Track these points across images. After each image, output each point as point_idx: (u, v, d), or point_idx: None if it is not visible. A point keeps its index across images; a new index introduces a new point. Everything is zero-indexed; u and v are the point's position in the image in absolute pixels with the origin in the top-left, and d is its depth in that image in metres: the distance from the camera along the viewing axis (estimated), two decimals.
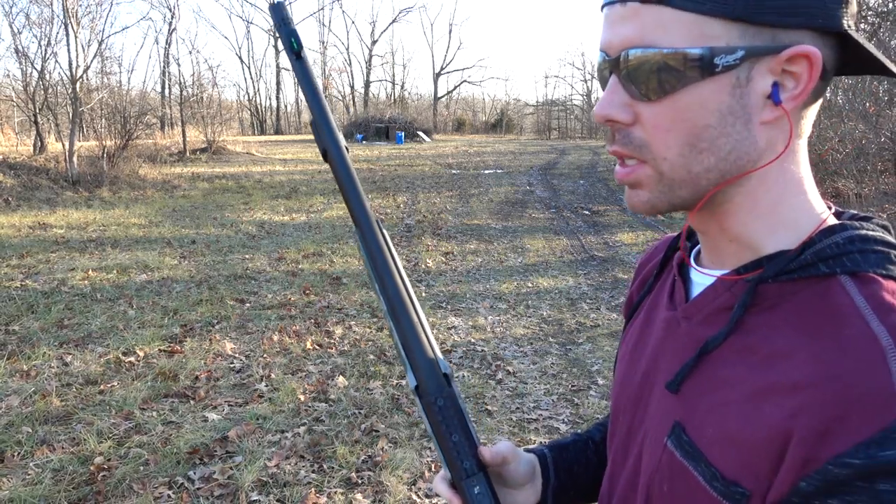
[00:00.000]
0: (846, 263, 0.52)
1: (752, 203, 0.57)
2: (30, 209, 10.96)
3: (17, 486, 2.86)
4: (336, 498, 2.81)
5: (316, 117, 0.75)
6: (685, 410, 0.58)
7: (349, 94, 60.34)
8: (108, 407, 3.63)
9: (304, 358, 4.40)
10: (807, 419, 0.47)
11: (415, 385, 0.71)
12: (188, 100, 23.43)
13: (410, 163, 21.51)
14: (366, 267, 0.74)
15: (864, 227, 0.55)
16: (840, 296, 0.51)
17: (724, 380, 0.55)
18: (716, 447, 0.54)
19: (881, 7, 10.45)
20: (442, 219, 10.44)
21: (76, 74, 14.65)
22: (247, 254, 7.70)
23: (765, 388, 0.51)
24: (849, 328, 0.49)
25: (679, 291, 0.65)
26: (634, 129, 0.55)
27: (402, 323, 0.71)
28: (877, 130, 8.18)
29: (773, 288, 0.55)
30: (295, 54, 0.75)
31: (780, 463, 0.49)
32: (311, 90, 0.75)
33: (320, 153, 0.78)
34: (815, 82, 0.52)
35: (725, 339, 0.56)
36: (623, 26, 0.53)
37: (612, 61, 0.55)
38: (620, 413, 0.71)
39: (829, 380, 0.47)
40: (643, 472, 0.63)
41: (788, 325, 0.52)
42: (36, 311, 5.34)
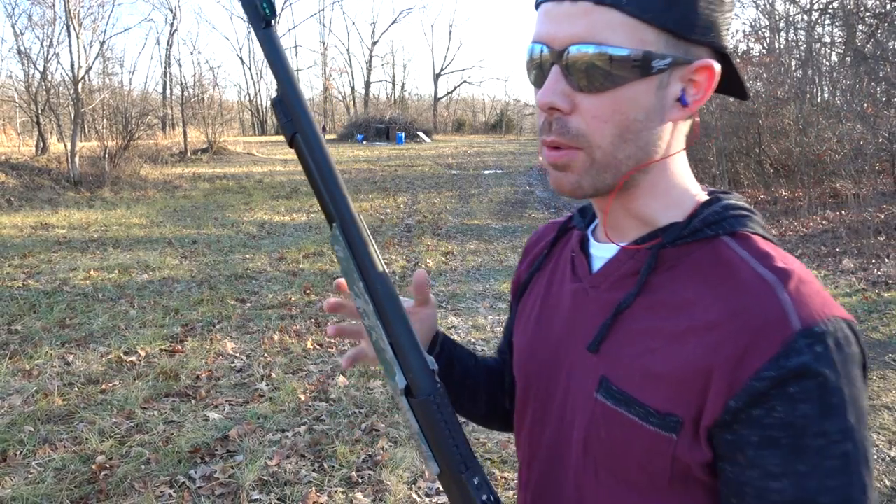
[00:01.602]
0: (725, 226, 0.64)
1: (652, 186, 0.67)
2: (32, 209, 10.99)
3: (20, 484, 2.88)
4: (336, 497, 2.84)
5: (287, 95, 0.67)
6: (608, 365, 0.66)
7: (349, 95, 60.35)
8: (109, 406, 3.66)
9: (304, 357, 4.43)
10: (725, 350, 0.57)
11: (404, 385, 0.69)
12: (189, 100, 23.46)
13: (411, 163, 21.53)
14: (344, 264, 0.69)
15: (729, 198, 0.68)
16: (726, 251, 0.63)
17: (641, 332, 0.64)
18: (646, 389, 0.62)
19: (878, 9, 10.47)
20: (442, 219, 10.47)
21: (78, 75, 14.68)
22: (247, 254, 7.72)
23: (683, 332, 0.61)
24: (741, 274, 0.60)
25: (582, 265, 0.73)
26: (572, 118, 0.61)
27: (392, 321, 0.68)
28: (874, 131, 8.19)
29: (671, 252, 0.65)
30: (265, 21, 0.66)
31: (706, 390, 0.58)
32: (282, 63, 0.67)
33: (287, 138, 0.68)
34: (712, 91, 0.63)
35: (635, 299, 0.65)
36: (571, 23, 0.59)
37: (557, 53, 0.60)
38: (532, 379, 0.77)
39: (737, 315, 0.58)
40: (576, 427, 0.70)
41: (689, 280, 0.63)
42: (38, 310, 5.37)
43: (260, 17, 0.66)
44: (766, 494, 0.56)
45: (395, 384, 0.69)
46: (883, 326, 4.87)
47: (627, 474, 0.65)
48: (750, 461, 0.57)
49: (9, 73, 36.34)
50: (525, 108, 59.15)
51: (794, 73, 12.31)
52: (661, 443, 0.61)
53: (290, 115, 0.68)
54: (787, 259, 0.62)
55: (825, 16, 13.22)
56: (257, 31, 0.67)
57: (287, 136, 0.69)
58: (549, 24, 0.61)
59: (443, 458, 0.70)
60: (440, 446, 0.70)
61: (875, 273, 6.29)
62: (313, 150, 0.68)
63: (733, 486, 0.59)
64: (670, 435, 0.61)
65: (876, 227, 7.57)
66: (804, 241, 8.00)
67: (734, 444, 0.58)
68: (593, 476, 0.68)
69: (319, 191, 0.68)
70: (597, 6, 0.58)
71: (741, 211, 0.66)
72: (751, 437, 0.57)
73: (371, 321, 0.69)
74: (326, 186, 0.68)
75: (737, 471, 0.58)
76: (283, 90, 0.67)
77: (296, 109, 0.67)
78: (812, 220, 9.06)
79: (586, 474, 0.69)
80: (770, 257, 0.61)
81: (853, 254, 7.05)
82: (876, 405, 3.62)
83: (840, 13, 11.95)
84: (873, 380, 3.95)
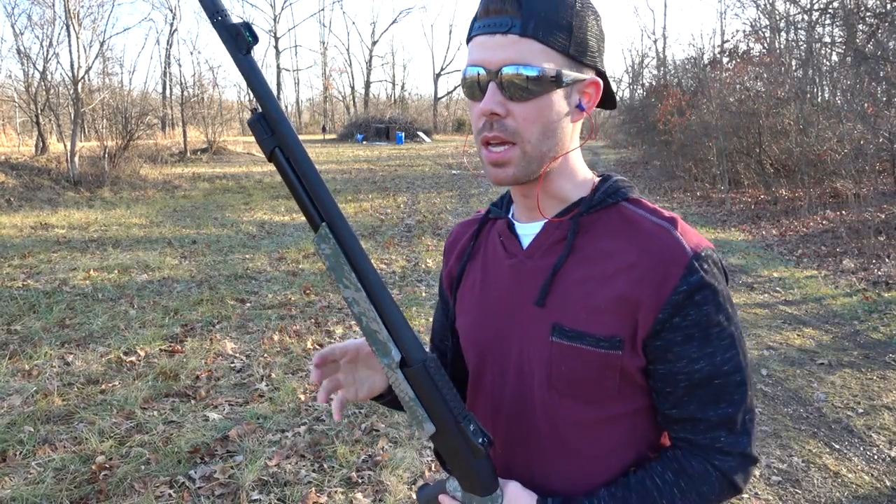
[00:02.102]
0: (620, 195, 0.87)
1: (564, 172, 0.87)
2: (31, 209, 10.98)
3: (20, 485, 2.88)
4: (336, 497, 2.83)
5: (270, 109, 0.74)
6: (557, 314, 0.84)
7: (349, 95, 60.32)
8: (109, 406, 3.65)
9: (304, 357, 4.42)
10: (647, 280, 0.80)
11: (399, 358, 0.76)
12: (189, 100, 23.45)
13: (411, 163, 21.53)
14: (332, 260, 0.74)
15: (616, 175, 0.91)
16: (627, 212, 0.86)
17: (577, 282, 0.84)
18: (592, 323, 0.82)
19: (879, 8, 10.46)
20: (442, 219, 10.46)
21: (78, 75, 14.67)
22: (247, 254, 7.72)
23: (612, 274, 0.82)
24: (644, 225, 0.83)
25: (513, 244, 0.91)
26: (508, 120, 0.80)
27: (383, 302, 0.75)
28: (875, 131, 8.19)
29: (586, 219, 0.86)
30: (247, 48, 0.71)
31: (637, 311, 0.80)
32: (262, 82, 0.72)
33: (266, 153, 0.73)
34: (598, 100, 0.86)
35: (567, 259, 0.85)
36: (503, 50, 0.78)
37: (493, 73, 0.79)
38: (486, 348, 0.93)
39: (651, 254, 0.81)
40: (536, 370, 0.86)
41: (605, 236, 0.84)
42: (38, 310, 5.36)
43: (243, 46, 0.71)
44: (692, 375, 0.81)
45: (390, 360, 0.76)
46: (883, 326, 4.86)
47: (587, 393, 0.84)
48: (677, 355, 0.81)
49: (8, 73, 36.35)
50: None
51: (794, 73, 12.31)
52: (611, 359, 0.82)
53: (270, 129, 0.73)
54: (669, 212, 0.85)
55: (825, 15, 13.22)
56: (238, 58, 0.71)
57: (266, 150, 0.74)
58: (484, 52, 0.79)
59: (438, 416, 0.78)
60: (435, 406, 0.77)
61: (875, 273, 6.28)
62: (297, 158, 0.73)
63: (666, 379, 0.83)
64: (617, 352, 0.81)
65: (876, 227, 7.56)
66: (804, 240, 7.99)
67: (663, 347, 0.81)
68: (558, 403, 0.86)
69: (303, 197, 0.74)
70: (521, 38, 0.77)
71: (626, 184, 0.90)
72: (675, 338, 0.80)
73: (362, 307, 0.75)
74: (313, 189, 0.74)
75: (667, 366, 0.82)
76: (266, 106, 0.72)
77: (277, 123, 0.72)
78: (812, 219, 9.05)
79: (552, 404, 0.86)
80: (658, 212, 0.85)
81: (853, 254, 7.05)
82: (876, 405, 3.61)
83: (840, 13, 11.94)
84: (874, 380, 3.94)
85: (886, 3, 10.15)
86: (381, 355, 0.76)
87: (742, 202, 11.22)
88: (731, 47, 13.77)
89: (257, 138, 0.73)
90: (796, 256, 7.30)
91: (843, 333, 4.76)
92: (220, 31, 0.70)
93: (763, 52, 13.36)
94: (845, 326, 4.91)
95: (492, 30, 0.79)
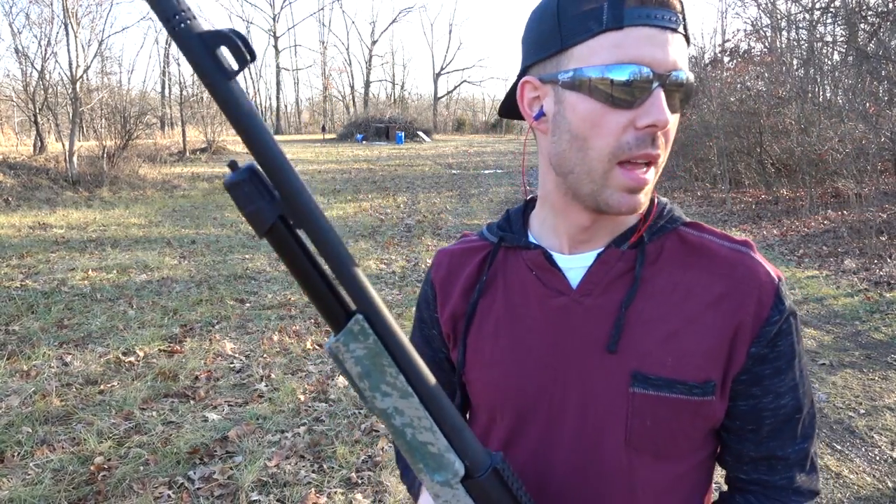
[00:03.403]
0: (677, 220, 0.76)
1: None
2: (30, 209, 10.96)
3: (18, 485, 2.86)
4: (336, 498, 2.82)
5: (267, 160, 0.49)
6: (635, 359, 0.72)
7: (349, 94, 60.34)
8: (108, 407, 3.63)
9: (304, 358, 4.40)
10: (738, 312, 0.70)
11: (464, 471, 0.58)
12: (188, 100, 23.43)
13: (410, 163, 21.52)
14: (366, 362, 0.54)
15: (660, 197, 0.79)
16: (692, 238, 0.75)
17: (655, 321, 0.72)
18: (682, 366, 0.71)
19: (881, 7, 10.45)
20: (442, 219, 10.45)
21: (76, 74, 14.65)
22: (247, 254, 7.70)
23: (695, 308, 0.71)
24: (720, 252, 0.74)
25: (557, 280, 0.76)
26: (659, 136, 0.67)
27: (442, 406, 0.57)
28: (877, 130, 8.17)
29: (650, 247, 0.75)
30: (234, 73, 0.47)
31: (732, 348, 0.71)
32: (252, 118, 0.48)
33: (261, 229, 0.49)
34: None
35: (636, 294, 0.73)
36: (674, 51, 0.65)
37: (662, 77, 0.65)
38: (527, 406, 0.77)
39: (737, 283, 0.71)
40: (608, 429, 0.73)
41: (675, 267, 0.74)
42: (36, 311, 5.34)
43: (226, 67, 0.46)
44: (777, 411, 0.73)
45: (451, 474, 0.58)
46: (885, 327, 4.85)
47: (670, 448, 0.73)
48: (765, 390, 0.72)
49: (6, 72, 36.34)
50: None
51: (795, 73, 12.29)
52: (704, 407, 0.71)
53: (269, 191, 0.48)
54: (738, 236, 0.79)
55: (827, 14, 13.21)
56: (216, 85, 0.46)
57: (265, 223, 0.48)
58: (653, 49, 0.64)
59: None
60: None
61: (877, 273, 6.27)
62: (317, 231, 0.49)
63: (749, 417, 0.73)
64: (711, 398, 0.71)
65: (878, 227, 7.55)
66: (806, 240, 7.98)
67: (750, 381, 0.72)
68: (638, 463, 0.73)
69: (321, 285, 0.52)
70: (676, 35, 0.66)
71: (674, 206, 0.79)
72: (765, 371, 0.72)
73: (409, 415, 0.56)
74: (341, 272, 0.51)
75: (752, 402, 0.73)
76: (264, 155, 0.48)
77: (284, 180, 0.48)
78: (814, 219, 9.04)
79: (631, 465, 0.73)
80: (727, 236, 0.76)
81: (855, 254, 7.03)
82: (878, 406, 3.60)
83: (842, 12, 11.93)
84: (875, 381, 3.93)
85: (888, 1, 10.14)
86: (433, 472, 0.58)
87: (743, 202, 11.21)
88: (732, 46, 13.74)
89: (246, 209, 0.48)
90: (797, 256, 7.28)
91: (844, 334, 4.74)
92: (184, 45, 0.46)
93: (764, 52, 13.35)
94: (847, 327, 4.89)
95: (663, 23, 0.64)
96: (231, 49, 0.46)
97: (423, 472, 0.58)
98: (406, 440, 0.57)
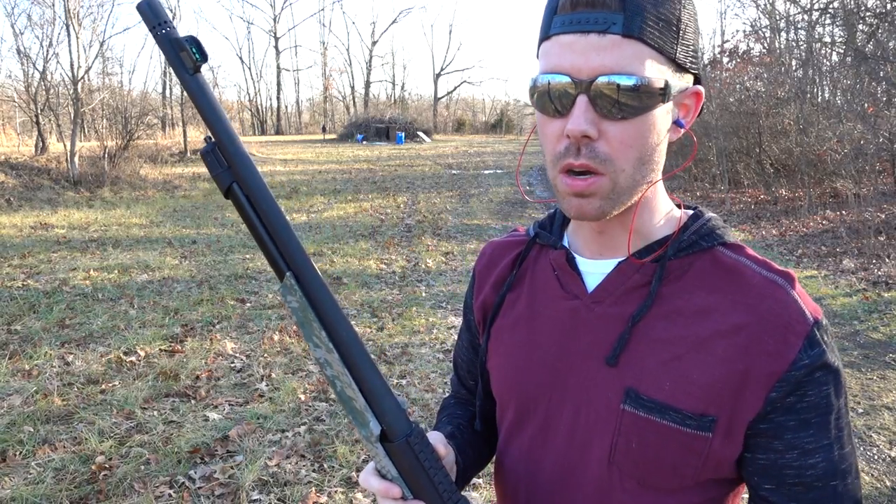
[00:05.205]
0: (716, 237, 0.71)
1: (649, 203, 0.71)
2: (31, 209, 10.98)
3: (19, 485, 2.87)
4: (336, 497, 2.83)
5: (222, 139, 0.63)
6: (633, 377, 0.68)
7: (349, 95, 60.35)
8: (109, 406, 3.65)
9: (304, 357, 4.42)
10: (757, 348, 0.64)
11: (379, 431, 0.66)
12: (188, 100, 23.39)
13: (410, 163, 21.52)
14: (300, 314, 0.64)
15: (708, 212, 0.74)
16: (727, 260, 0.69)
17: (662, 341, 0.68)
18: (679, 395, 0.66)
19: (879, 8, 10.46)
20: (442, 219, 10.46)
21: (78, 75, 14.67)
22: (247, 253, 7.72)
23: (708, 337, 0.66)
24: (752, 279, 0.67)
25: (575, 283, 0.75)
26: (599, 143, 0.64)
27: (360, 366, 0.65)
28: (875, 131, 8.19)
29: (674, 263, 0.70)
30: (194, 68, 0.62)
31: (743, 386, 0.64)
32: (214, 107, 0.63)
33: (222, 189, 0.64)
34: (698, 113, 0.71)
35: (649, 310, 0.69)
36: (599, 55, 0.61)
37: (584, 84, 0.62)
38: (528, 400, 0.77)
39: (762, 316, 0.64)
40: (596, 441, 0.71)
41: (699, 288, 0.68)
42: (38, 310, 5.36)
43: (188, 65, 0.61)
44: (804, 471, 0.64)
45: (368, 432, 0.66)
46: (883, 326, 4.86)
47: (656, 479, 0.68)
48: (788, 444, 0.64)
49: (8, 73, 36.36)
50: (525, 109, 59.12)
51: (794, 73, 12.31)
52: (697, 442, 0.65)
53: (226, 162, 0.63)
54: (781, 266, 0.69)
55: (825, 15, 13.22)
56: (184, 78, 0.62)
57: (223, 186, 0.64)
58: (572, 56, 0.62)
59: (425, 498, 0.68)
60: (421, 488, 0.68)
61: (875, 273, 6.28)
62: (257, 198, 0.63)
63: (768, 472, 0.66)
64: (706, 434, 0.65)
65: (876, 227, 7.56)
66: (804, 241, 7.99)
67: (771, 432, 0.64)
68: (618, 485, 0.70)
69: (266, 241, 0.64)
70: (624, 39, 0.61)
71: (721, 224, 0.73)
72: (788, 422, 0.64)
73: (335, 369, 0.65)
74: (277, 234, 0.63)
75: (773, 456, 0.65)
76: (218, 135, 0.62)
77: (232, 154, 0.63)
78: (812, 219, 9.05)
79: (611, 484, 0.70)
80: (768, 263, 0.69)
81: (853, 254, 7.05)
82: (876, 405, 3.61)
83: (840, 13, 11.94)
84: (874, 380, 3.94)
85: (886, 2, 10.15)
86: (358, 426, 0.67)
87: (742, 202, 11.22)
88: (731, 47, 13.76)
89: (211, 172, 0.64)
90: (796, 256, 7.30)
91: (842, 333, 4.76)
92: (164, 47, 0.61)
93: (763, 52, 13.36)
94: (845, 326, 4.91)
95: (584, 27, 0.61)
96: (195, 50, 0.61)
97: (353, 423, 0.68)
98: (336, 391, 0.67)
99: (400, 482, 0.68)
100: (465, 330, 0.94)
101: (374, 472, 0.71)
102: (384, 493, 0.69)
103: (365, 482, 0.72)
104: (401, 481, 0.68)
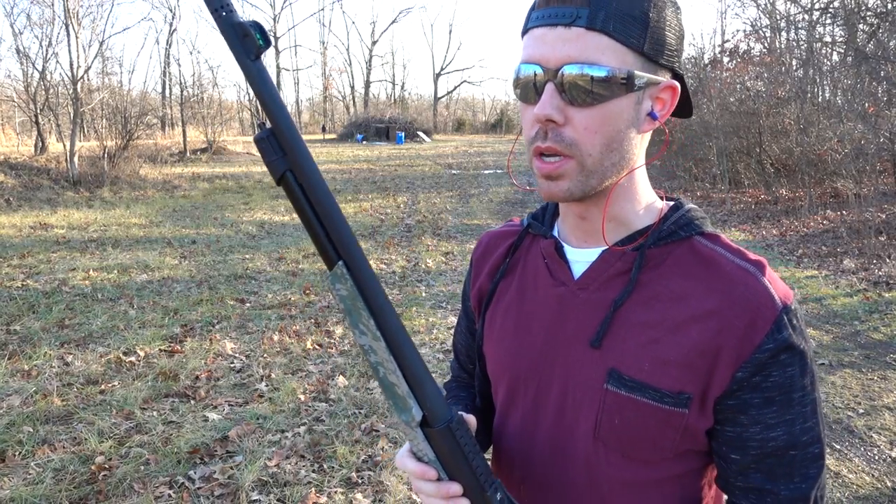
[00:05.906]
0: (694, 227, 0.76)
1: (628, 192, 0.76)
2: (31, 209, 10.97)
3: (19, 485, 2.87)
4: (336, 498, 2.83)
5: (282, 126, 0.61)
6: (615, 358, 0.74)
7: (349, 95, 60.35)
8: (108, 406, 3.64)
9: (304, 358, 4.41)
10: (727, 331, 0.69)
11: (421, 417, 0.68)
12: (189, 100, 23.44)
13: (410, 163, 21.52)
14: (348, 302, 0.65)
15: (689, 203, 0.79)
16: (704, 249, 0.74)
17: (641, 325, 0.73)
18: (657, 374, 0.71)
19: (880, 8, 10.46)
20: (442, 219, 10.45)
21: (77, 75, 14.66)
22: (247, 254, 7.71)
23: (684, 321, 0.71)
24: (725, 267, 0.72)
25: (562, 270, 0.80)
26: (565, 129, 0.69)
27: (405, 353, 0.67)
28: (875, 131, 8.18)
29: (654, 252, 0.75)
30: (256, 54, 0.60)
31: (714, 366, 0.70)
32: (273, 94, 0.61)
33: (276, 177, 0.63)
34: (674, 106, 0.74)
35: (630, 296, 0.74)
36: (565, 46, 0.67)
37: (552, 72, 0.67)
38: (519, 381, 0.83)
39: (732, 302, 0.70)
40: (582, 418, 0.76)
41: (676, 275, 0.73)
42: (37, 310, 5.36)
43: (252, 49, 0.59)
44: (766, 443, 0.71)
45: (409, 417, 0.68)
46: (884, 327, 4.86)
47: (638, 451, 0.74)
48: (752, 419, 0.70)
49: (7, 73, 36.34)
50: None
51: (794, 73, 12.30)
52: (674, 417, 0.71)
53: (282, 149, 0.62)
54: (753, 253, 0.74)
55: (826, 15, 13.21)
56: (245, 64, 0.60)
57: (276, 174, 0.63)
58: (542, 47, 0.68)
59: (462, 482, 0.71)
60: (460, 472, 0.71)
61: (876, 273, 6.28)
62: (312, 186, 0.62)
63: (734, 443, 0.72)
64: (682, 410, 0.71)
65: (877, 227, 7.56)
66: (805, 240, 7.99)
67: (737, 408, 0.71)
68: (604, 458, 0.76)
69: (317, 229, 0.64)
70: (588, 31, 0.66)
71: (701, 215, 0.78)
72: (753, 400, 0.70)
73: (380, 356, 0.66)
74: (330, 223, 0.63)
75: (738, 430, 0.72)
76: (276, 121, 0.61)
77: (290, 142, 0.61)
78: (813, 219, 9.04)
79: (597, 457, 0.76)
80: (741, 252, 0.74)
81: (854, 254, 7.04)
82: (877, 405, 3.61)
83: (841, 12, 11.94)
84: (874, 380, 3.94)
85: (887, 2, 10.14)
86: (399, 411, 0.68)
87: (742, 202, 11.22)
88: (731, 47, 13.75)
89: (265, 159, 0.62)
90: (797, 256, 7.29)
91: (843, 334, 4.75)
92: (225, 31, 0.59)
93: (763, 52, 13.36)
94: (846, 327, 4.90)
95: (553, 21, 0.67)
96: (259, 35, 0.59)
97: (392, 409, 0.69)
98: (379, 377, 0.68)
99: (437, 465, 0.71)
100: (463, 316, 1.00)
101: (411, 454, 0.74)
102: (421, 474, 0.72)
103: (401, 464, 0.75)
104: (437, 464, 0.71)
